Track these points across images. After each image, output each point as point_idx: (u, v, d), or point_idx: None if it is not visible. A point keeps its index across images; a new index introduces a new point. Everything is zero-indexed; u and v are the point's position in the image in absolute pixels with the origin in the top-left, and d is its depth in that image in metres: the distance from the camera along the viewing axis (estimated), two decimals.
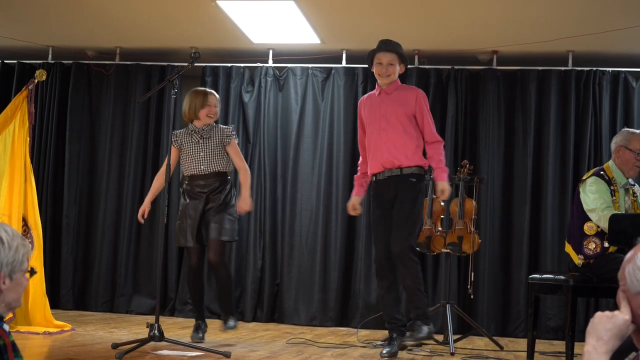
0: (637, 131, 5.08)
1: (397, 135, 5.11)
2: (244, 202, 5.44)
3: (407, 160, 5.10)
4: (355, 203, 5.38)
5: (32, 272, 2.50)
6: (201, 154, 5.43)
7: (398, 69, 5.22)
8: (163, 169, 5.53)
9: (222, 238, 5.38)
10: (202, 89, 5.70)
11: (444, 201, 5.92)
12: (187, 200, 5.46)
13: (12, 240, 2.35)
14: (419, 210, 5.24)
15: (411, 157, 5.11)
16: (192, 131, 5.51)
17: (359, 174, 5.41)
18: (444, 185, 5.09)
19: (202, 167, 5.42)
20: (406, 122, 5.14)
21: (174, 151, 5.51)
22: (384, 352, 5.02)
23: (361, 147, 5.39)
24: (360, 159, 5.42)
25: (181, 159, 5.53)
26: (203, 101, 5.50)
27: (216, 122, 5.67)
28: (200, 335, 5.41)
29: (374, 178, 5.22)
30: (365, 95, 5.49)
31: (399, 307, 5.23)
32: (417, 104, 5.17)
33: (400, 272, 5.08)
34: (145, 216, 5.52)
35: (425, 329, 5.01)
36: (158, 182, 5.60)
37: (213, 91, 5.69)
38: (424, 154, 5.22)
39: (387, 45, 5.19)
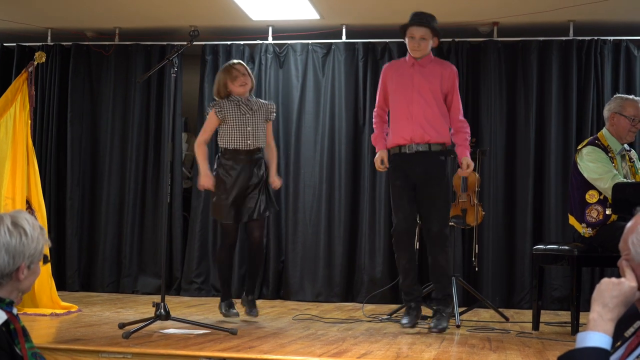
0: (630, 97, 5.06)
1: (429, 109, 5.06)
2: (279, 178, 5.43)
3: (437, 135, 5.06)
4: (384, 157, 5.14)
5: (46, 259, 2.52)
6: (248, 128, 5.26)
7: (431, 43, 5.14)
8: (202, 138, 5.33)
9: (266, 214, 5.38)
10: (228, 63, 5.45)
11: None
12: (227, 175, 5.25)
13: (33, 231, 2.38)
14: (450, 188, 5.29)
15: (441, 133, 5.08)
16: (238, 102, 5.30)
17: (377, 132, 5.25)
18: (469, 160, 5.07)
19: (249, 141, 5.26)
20: (438, 97, 5.10)
21: (215, 121, 5.29)
22: (404, 322, 5.09)
23: (380, 110, 5.27)
24: (377, 118, 5.28)
25: (223, 130, 5.29)
26: (227, 75, 5.30)
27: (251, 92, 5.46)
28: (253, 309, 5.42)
29: (397, 150, 5.11)
30: (391, 63, 5.41)
31: (417, 278, 5.25)
32: (450, 81, 5.14)
33: (435, 251, 5.08)
34: (213, 185, 5.25)
35: (446, 320, 5.01)
36: (202, 150, 5.32)
37: (238, 61, 5.49)
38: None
39: (420, 19, 5.07)
